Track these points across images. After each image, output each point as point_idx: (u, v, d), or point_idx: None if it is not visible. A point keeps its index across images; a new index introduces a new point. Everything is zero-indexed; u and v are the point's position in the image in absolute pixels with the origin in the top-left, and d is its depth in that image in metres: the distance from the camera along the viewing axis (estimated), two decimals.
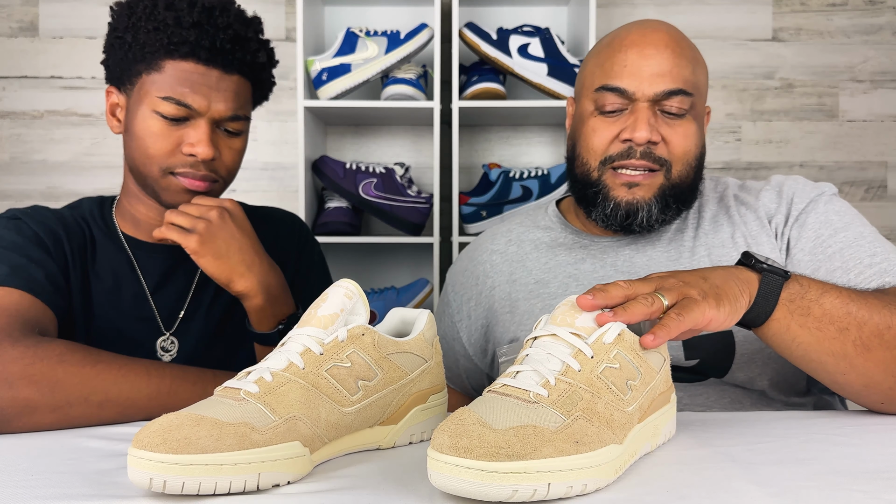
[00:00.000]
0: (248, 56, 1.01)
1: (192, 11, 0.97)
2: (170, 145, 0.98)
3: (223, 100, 0.98)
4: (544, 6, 2.20)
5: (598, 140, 1.02)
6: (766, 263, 0.78)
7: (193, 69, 0.97)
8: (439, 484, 0.53)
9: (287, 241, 1.17)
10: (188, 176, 0.99)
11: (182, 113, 0.97)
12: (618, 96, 1.00)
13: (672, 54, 1.00)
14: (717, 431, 0.74)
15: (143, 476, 0.53)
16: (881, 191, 2.28)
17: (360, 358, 0.66)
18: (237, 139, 1.03)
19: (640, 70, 0.99)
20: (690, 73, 1.00)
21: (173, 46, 0.96)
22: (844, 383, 0.81)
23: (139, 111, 0.98)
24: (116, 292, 1.04)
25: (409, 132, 2.24)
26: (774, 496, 0.54)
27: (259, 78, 1.05)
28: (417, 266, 2.22)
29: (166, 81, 0.96)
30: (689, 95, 1.00)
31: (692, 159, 1.02)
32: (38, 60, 2.22)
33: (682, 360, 0.97)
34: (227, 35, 0.97)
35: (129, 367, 0.83)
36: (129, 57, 0.98)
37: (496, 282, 1.13)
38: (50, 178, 2.23)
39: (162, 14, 0.96)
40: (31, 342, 0.81)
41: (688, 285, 0.71)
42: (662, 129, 0.99)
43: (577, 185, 1.07)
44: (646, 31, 1.02)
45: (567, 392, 0.58)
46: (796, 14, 2.25)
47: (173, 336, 1.06)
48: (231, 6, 1.01)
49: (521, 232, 1.17)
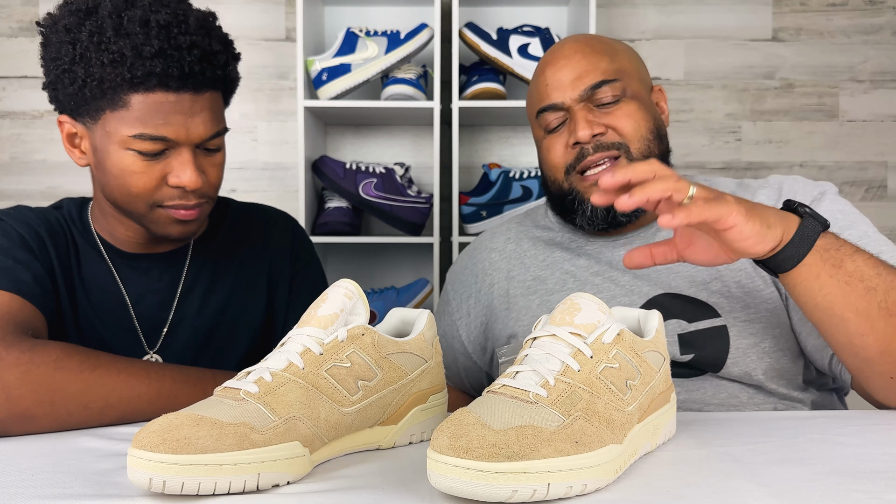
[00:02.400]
0: (218, 71, 0.92)
1: (150, 36, 0.86)
2: (153, 181, 0.91)
3: (201, 122, 0.91)
4: (544, 6, 2.20)
5: (553, 155, 1.07)
6: (808, 208, 0.80)
7: (163, 98, 0.88)
8: (439, 484, 0.53)
9: (281, 241, 1.14)
10: (179, 208, 0.93)
11: (160, 147, 0.89)
12: (554, 112, 1.07)
13: (582, 56, 1.06)
14: (717, 431, 0.74)
15: (143, 476, 0.53)
16: (881, 191, 2.28)
17: (360, 358, 0.65)
18: (218, 154, 0.97)
19: (560, 82, 1.06)
20: (608, 62, 1.06)
21: (137, 80, 0.86)
22: (861, 345, 0.81)
23: (109, 149, 0.90)
24: (100, 303, 1.01)
25: (409, 132, 2.24)
26: (774, 496, 0.54)
27: (230, 86, 0.98)
28: (417, 266, 2.22)
29: (135, 117, 0.88)
30: (614, 81, 1.04)
31: (646, 132, 1.05)
32: (38, 60, 2.22)
33: (677, 355, 0.98)
34: (194, 56, 0.88)
35: (129, 370, 0.81)
36: (86, 93, 0.88)
37: (495, 279, 1.14)
38: (50, 178, 2.23)
39: (115, 44, 0.86)
40: (25, 346, 0.78)
41: (724, 194, 0.75)
42: (603, 119, 1.04)
43: (555, 200, 1.11)
44: (555, 49, 1.10)
45: (566, 392, 0.58)
46: (796, 14, 2.25)
47: (158, 353, 1.03)
48: (187, 16, 0.90)
49: (520, 231, 1.18)
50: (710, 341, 0.98)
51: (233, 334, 1.08)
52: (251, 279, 1.10)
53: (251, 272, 1.10)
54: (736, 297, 1.00)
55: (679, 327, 0.99)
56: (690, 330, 0.99)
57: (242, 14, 2.21)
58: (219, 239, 1.10)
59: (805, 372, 1.01)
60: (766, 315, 0.98)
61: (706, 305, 0.99)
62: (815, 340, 0.96)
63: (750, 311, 0.99)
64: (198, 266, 1.07)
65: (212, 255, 1.08)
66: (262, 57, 2.22)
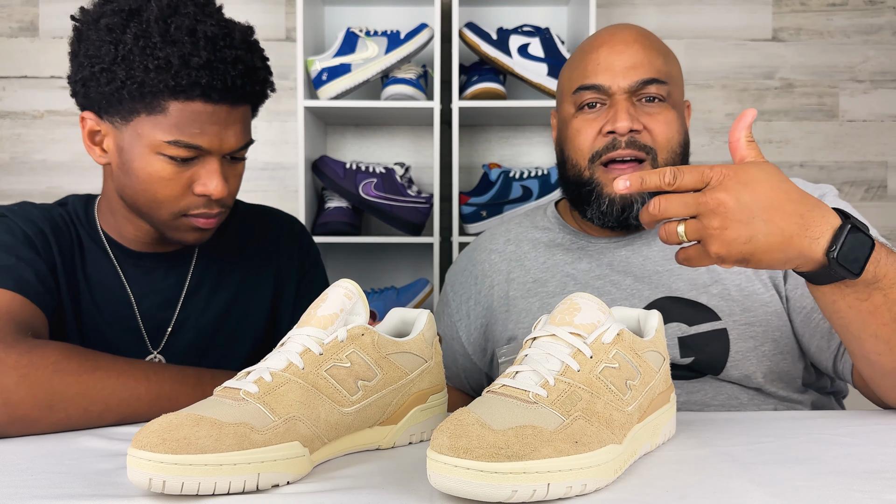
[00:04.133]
0: (256, 87, 0.94)
1: (198, 47, 0.87)
2: (180, 188, 0.91)
3: (233, 134, 0.92)
4: (544, 6, 2.19)
5: (582, 138, 1.04)
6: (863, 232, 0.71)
7: (202, 109, 0.89)
8: (439, 485, 0.53)
9: (289, 244, 1.14)
10: (202, 216, 0.94)
11: (191, 154, 0.90)
12: (595, 93, 1.03)
13: (641, 48, 1.03)
14: (717, 431, 0.74)
15: (143, 476, 0.53)
16: (881, 191, 2.28)
17: (360, 358, 0.65)
18: (241, 163, 0.98)
19: (612, 65, 1.02)
20: (662, 63, 1.04)
21: (181, 88, 0.87)
22: (876, 362, 0.79)
23: (138, 151, 0.90)
24: (104, 301, 1.00)
25: (409, 132, 2.24)
26: (774, 496, 0.54)
27: (261, 101, 1.00)
28: (417, 266, 2.22)
29: (172, 123, 0.88)
30: (665, 83, 1.02)
31: (676, 146, 1.03)
32: (38, 60, 2.22)
33: (677, 358, 0.98)
34: (238, 70, 0.90)
35: (129, 372, 0.81)
36: (124, 94, 0.88)
37: (495, 281, 1.14)
38: (50, 178, 2.23)
39: (161, 51, 0.86)
40: (24, 347, 0.78)
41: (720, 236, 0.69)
42: (643, 118, 1.01)
43: (571, 186, 1.08)
44: (614, 31, 1.06)
45: (566, 392, 0.58)
46: (796, 14, 2.25)
47: (161, 353, 1.03)
48: (232, 30, 0.92)
49: (519, 232, 1.18)
50: (709, 344, 0.98)
51: (236, 335, 1.08)
52: (257, 281, 1.10)
53: (257, 273, 1.10)
54: (736, 301, 0.99)
55: (679, 330, 0.99)
56: (690, 333, 0.99)
57: (242, 14, 2.19)
58: (226, 239, 1.09)
59: (805, 374, 1.01)
60: (765, 318, 0.98)
61: (706, 308, 0.99)
62: (818, 342, 0.96)
63: (750, 314, 0.99)
64: (204, 266, 1.07)
65: (218, 256, 1.08)
66: None
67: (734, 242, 0.69)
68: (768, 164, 0.72)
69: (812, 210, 0.71)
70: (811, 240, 0.70)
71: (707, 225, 0.69)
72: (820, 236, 0.70)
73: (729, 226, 0.69)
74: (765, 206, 0.69)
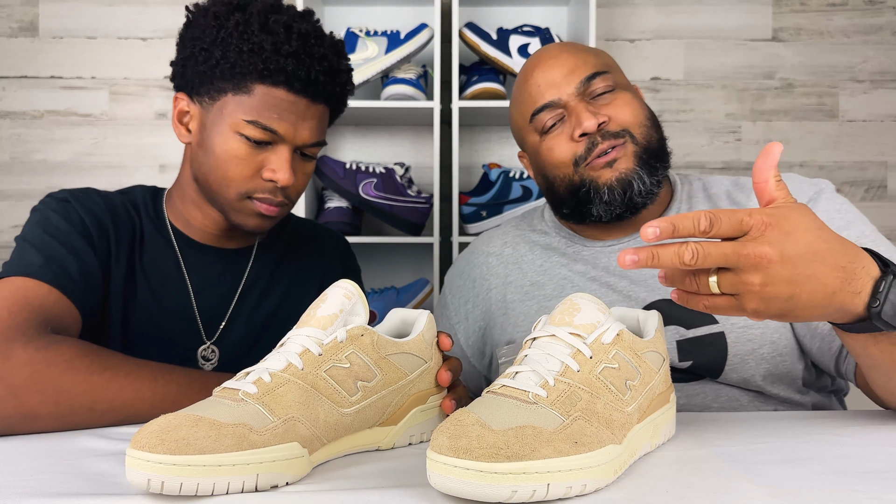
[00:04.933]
0: (337, 88, 1.00)
1: (290, 39, 0.94)
2: (250, 170, 0.96)
3: (308, 128, 0.97)
4: (544, 6, 2.19)
5: (559, 151, 1.04)
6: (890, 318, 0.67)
7: (284, 97, 0.95)
8: (439, 485, 0.53)
9: (333, 256, 1.20)
10: (265, 202, 0.98)
11: (267, 137, 0.95)
12: (551, 111, 1.05)
13: (569, 54, 1.06)
14: (717, 431, 0.74)
15: (141, 477, 0.53)
16: (881, 191, 2.28)
17: (360, 359, 0.65)
18: (311, 163, 1.02)
19: (552, 80, 1.05)
20: (594, 58, 1.06)
21: (268, 73, 0.93)
22: (892, 387, 0.77)
23: (219, 129, 0.96)
24: (161, 288, 1.03)
25: (409, 132, 2.24)
26: (774, 496, 0.54)
27: (340, 105, 1.05)
28: (417, 266, 2.22)
29: (254, 105, 0.94)
30: (606, 73, 1.05)
31: (644, 119, 1.04)
32: (38, 60, 2.22)
33: (675, 361, 0.98)
34: (323, 67, 0.96)
35: (137, 373, 0.82)
36: (216, 73, 0.95)
37: (492, 284, 1.14)
38: (50, 178, 2.23)
39: (258, 36, 0.93)
40: (42, 343, 0.80)
41: (760, 292, 0.62)
42: (603, 110, 1.03)
43: (567, 200, 1.06)
44: (540, 54, 1.10)
45: (566, 392, 0.58)
46: (796, 14, 2.25)
47: (214, 345, 1.05)
48: (324, 34, 0.99)
49: (516, 234, 1.18)
50: (708, 348, 0.98)
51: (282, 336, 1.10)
52: (303, 288, 1.14)
53: (304, 281, 1.14)
54: None
55: (677, 334, 0.99)
56: (689, 336, 0.98)
57: None
58: (279, 245, 1.14)
59: (805, 374, 1.00)
60: (764, 321, 0.98)
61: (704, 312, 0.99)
62: (819, 343, 0.96)
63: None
64: (259, 267, 1.11)
65: (272, 260, 1.12)
66: None
67: (775, 300, 0.63)
68: (803, 206, 0.67)
69: (854, 262, 0.65)
70: (853, 294, 0.65)
71: (746, 280, 0.62)
72: (861, 290, 0.65)
73: (770, 282, 0.62)
74: (808, 259, 0.63)
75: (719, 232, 0.62)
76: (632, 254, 0.61)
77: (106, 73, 2.23)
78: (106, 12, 2.23)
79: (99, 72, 2.23)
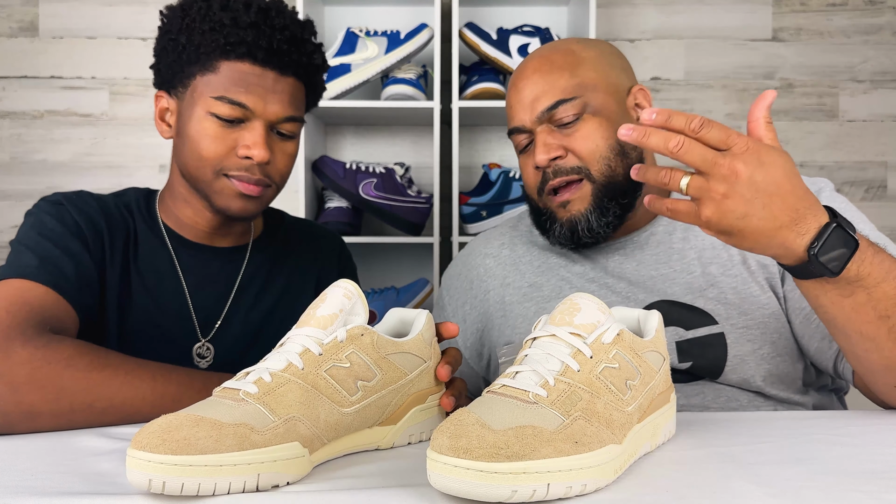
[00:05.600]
0: (303, 58, 0.99)
1: (249, 12, 0.95)
2: (224, 148, 0.96)
3: (279, 101, 0.97)
4: (544, 6, 2.19)
5: (526, 175, 1.09)
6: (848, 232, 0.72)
7: (250, 70, 0.95)
8: (439, 485, 0.53)
9: (329, 255, 1.19)
10: (242, 179, 0.97)
11: (237, 113, 0.95)
12: (520, 134, 1.07)
13: (540, 76, 1.04)
14: (717, 431, 0.74)
15: (143, 477, 0.53)
16: (881, 191, 2.28)
17: (360, 358, 0.65)
18: (290, 143, 1.01)
19: (521, 103, 1.05)
20: (567, 79, 1.03)
21: (230, 47, 0.94)
22: (864, 359, 0.81)
23: (193, 113, 0.97)
24: (156, 288, 1.03)
25: (409, 132, 2.24)
26: (774, 496, 0.54)
27: (313, 80, 1.04)
28: (417, 266, 2.22)
29: (221, 82, 0.95)
30: (572, 99, 1.02)
31: (605, 152, 1.02)
32: (38, 60, 2.22)
33: (675, 362, 0.97)
34: (284, 36, 0.96)
35: (136, 372, 0.82)
36: (183, 59, 0.97)
37: (490, 286, 1.14)
38: (50, 178, 2.23)
39: (218, 14, 0.95)
40: (41, 342, 0.80)
41: (719, 202, 0.70)
42: (563, 141, 1.02)
43: (534, 215, 1.11)
44: (520, 67, 1.09)
45: (566, 392, 0.58)
46: (796, 14, 2.25)
47: (209, 343, 1.05)
48: (285, 8, 1.00)
49: (514, 235, 1.18)
50: (707, 349, 0.98)
51: (280, 335, 1.09)
52: (300, 286, 1.14)
53: (301, 280, 1.14)
54: (733, 304, 0.99)
55: (676, 335, 0.99)
56: (688, 337, 0.98)
57: None
58: (275, 245, 1.14)
59: (805, 375, 1.00)
60: (763, 321, 0.98)
61: (703, 312, 0.99)
62: (817, 343, 0.96)
63: (747, 317, 0.98)
64: (255, 265, 1.11)
65: (267, 258, 1.12)
66: None
67: (729, 214, 0.70)
68: (785, 152, 0.73)
69: (809, 208, 0.72)
70: (797, 234, 0.72)
71: (712, 187, 0.70)
72: (806, 233, 0.72)
73: (731, 196, 0.69)
74: (770, 191, 0.70)
75: (707, 136, 0.69)
76: (626, 129, 0.70)
77: (106, 73, 2.23)
78: (106, 12, 2.23)
79: (99, 72, 2.23)
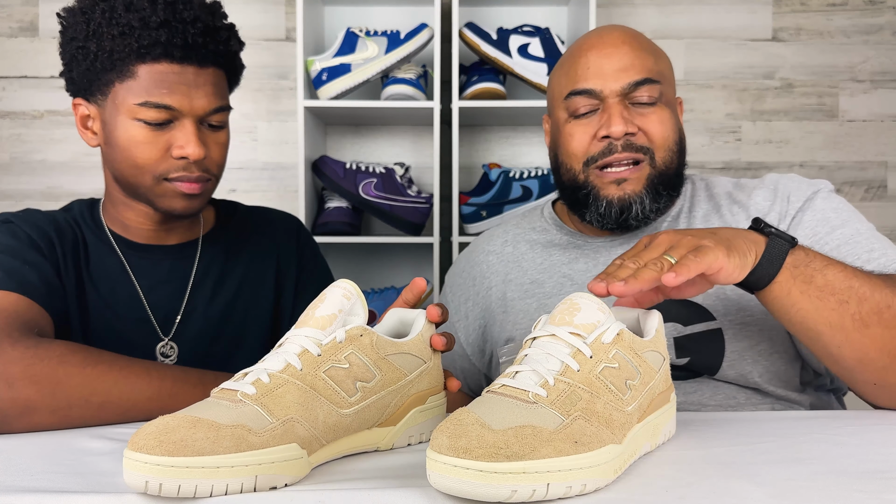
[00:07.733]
0: (220, 46, 0.98)
1: (157, 9, 0.93)
2: (158, 151, 0.95)
3: (203, 95, 0.96)
4: (544, 6, 2.19)
5: (576, 143, 1.03)
6: (773, 229, 0.81)
7: (168, 69, 0.94)
8: (438, 485, 0.53)
9: (286, 239, 1.18)
10: (183, 180, 0.97)
11: (164, 116, 0.94)
12: (587, 98, 1.02)
13: (630, 49, 1.02)
14: (717, 431, 0.74)
15: (139, 479, 0.53)
16: (881, 191, 2.28)
17: (359, 359, 0.65)
18: (222, 132, 1.01)
19: (603, 69, 1.01)
20: (653, 63, 1.03)
21: (144, 50, 0.92)
22: (839, 356, 0.83)
23: (118, 121, 0.95)
24: (111, 295, 1.03)
25: (409, 132, 2.24)
26: (774, 496, 0.54)
27: (232, 65, 1.03)
28: (417, 266, 2.22)
29: (142, 86, 0.93)
30: (657, 83, 1.01)
31: (672, 144, 1.03)
32: (38, 60, 2.22)
33: (673, 358, 0.97)
34: (197, 28, 0.94)
35: (130, 368, 0.82)
36: (97, 66, 0.94)
37: (492, 282, 1.14)
38: (50, 178, 2.23)
39: (124, 17, 0.92)
40: (30, 343, 0.80)
41: (699, 238, 0.76)
42: (637, 119, 1.01)
43: (566, 191, 1.08)
44: (602, 34, 1.06)
45: (566, 392, 0.58)
46: (796, 14, 2.25)
47: (172, 341, 1.05)
48: None
49: (517, 233, 1.18)
50: (705, 344, 0.98)
51: (244, 326, 1.11)
52: (259, 274, 1.13)
53: (259, 267, 1.14)
54: (731, 300, 0.99)
55: (675, 330, 0.99)
56: (686, 333, 0.98)
57: (242, 14, 2.21)
58: (228, 235, 1.14)
59: (802, 374, 1.00)
60: (761, 318, 0.98)
61: (701, 308, 0.99)
62: None
63: (745, 313, 0.98)
64: (208, 259, 1.10)
65: (221, 249, 1.12)
66: (262, 57, 2.22)
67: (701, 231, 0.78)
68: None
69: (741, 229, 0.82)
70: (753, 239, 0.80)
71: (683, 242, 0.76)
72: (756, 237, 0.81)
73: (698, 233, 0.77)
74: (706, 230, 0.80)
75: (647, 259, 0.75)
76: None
77: None
78: None
79: None
